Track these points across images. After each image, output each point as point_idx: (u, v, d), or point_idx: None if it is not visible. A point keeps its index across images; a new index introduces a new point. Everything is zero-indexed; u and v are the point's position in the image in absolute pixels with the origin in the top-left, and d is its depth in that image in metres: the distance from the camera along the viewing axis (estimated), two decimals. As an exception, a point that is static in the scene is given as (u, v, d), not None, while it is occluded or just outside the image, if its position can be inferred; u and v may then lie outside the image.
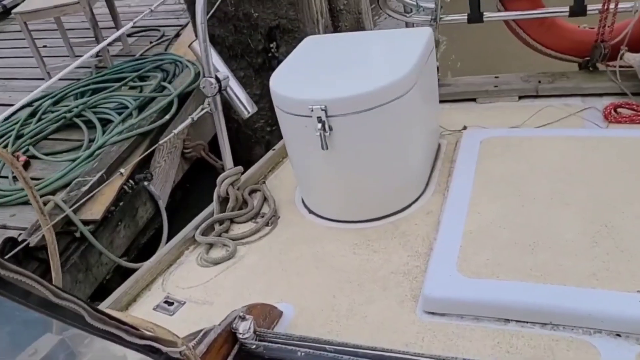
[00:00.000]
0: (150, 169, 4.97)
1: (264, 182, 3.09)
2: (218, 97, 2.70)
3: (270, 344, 1.83)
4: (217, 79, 2.64)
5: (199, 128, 5.44)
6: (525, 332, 1.90)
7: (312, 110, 2.32)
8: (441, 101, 3.14)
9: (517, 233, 2.22)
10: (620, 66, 3.23)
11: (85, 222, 4.26)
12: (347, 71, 2.57)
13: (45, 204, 4.07)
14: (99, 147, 4.94)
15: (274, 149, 3.36)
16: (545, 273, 2.01)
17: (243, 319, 1.90)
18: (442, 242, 2.25)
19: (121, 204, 4.64)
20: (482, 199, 2.46)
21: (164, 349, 1.26)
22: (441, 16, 3.31)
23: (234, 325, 1.86)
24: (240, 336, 1.85)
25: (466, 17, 3.31)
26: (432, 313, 2.05)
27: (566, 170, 2.52)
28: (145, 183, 4.76)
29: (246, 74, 5.58)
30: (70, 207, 3.97)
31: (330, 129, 2.36)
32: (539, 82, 3.41)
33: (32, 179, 4.63)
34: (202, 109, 2.66)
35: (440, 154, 2.99)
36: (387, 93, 2.35)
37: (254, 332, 1.87)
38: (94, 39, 6.57)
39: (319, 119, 2.33)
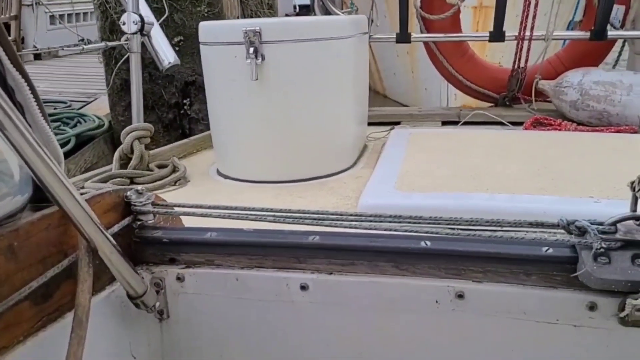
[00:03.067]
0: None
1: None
2: (138, 38, 2.46)
3: (170, 211, 1.43)
4: (141, 17, 2.43)
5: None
6: None
7: (246, 33, 2.14)
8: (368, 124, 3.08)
9: (457, 169, 2.06)
10: (536, 99, 3.41)
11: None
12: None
13: None
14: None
15: (189, 138, 3.07)
16: (492, 188, 1.83)
17: (140, 193, 1.50)
18: (379, 172, 2.03)
19: None
20: (416, 155, 2.30)
21: None
22: (371, 34, 3.39)
23: (127, 194, 1.45)
24: (135, 206, 1.44)
25: (394, 36, 3.41)
26: None
27: (496, 146, 2.46)
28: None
29: (155, 129, 5.36)
30: None
31: (263, 57, 2.18)
32: (460, 110, 3.50)
33: None
34: (119, 42, 2.38)
35: (368, 150, 2.86)
36: (325, 27, 2.25)
37: (153, 204, 1.47)
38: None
39: (251, 43, 2.15)
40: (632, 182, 1.06)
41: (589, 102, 3.04)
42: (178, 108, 5.21)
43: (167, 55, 2.54)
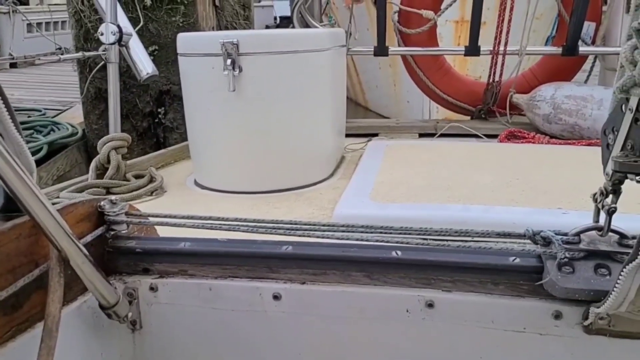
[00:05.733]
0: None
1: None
2: (116, 48, 2.46)
3: (144, 221, 1.43)
4: (119, 28, 2.43)
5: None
6: None
7: (223, 45, 2.16)
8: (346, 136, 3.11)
9: (431, 180, 2.09)
10: (510, 112, 3.48)
11: None
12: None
13: None
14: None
15: (167, 149, 3.07)
16: (465, 199, 1.86)
17: (114, 203, 1.50)
18: (355, 183, 2.05)
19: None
20: (392, 166, 2.34)
21: None
22: (350, 47, 3.43)
23: (100, 204, 1.45)
24: (108, 215, 1.43)
25: (372, 49, 3.46)
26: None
27: (471, 158, 2.51)
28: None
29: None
30: None
31: (240, 69, 2.19)
32: (437, 122, 3.55)
33: None
34: (97, 52, 2.38)
35: (345, 161, 2.89)
36: (302, 40, 2.28)
37: (126, 214, 1.47)
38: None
39: (229, 55, 2.17)
40: (594, 194, 1.10)
41: (561, 116, 3.11)
42: (152, 117, 5.17)
43: (145, 65, 2.55)
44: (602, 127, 1.04)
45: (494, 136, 3.32)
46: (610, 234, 1.12)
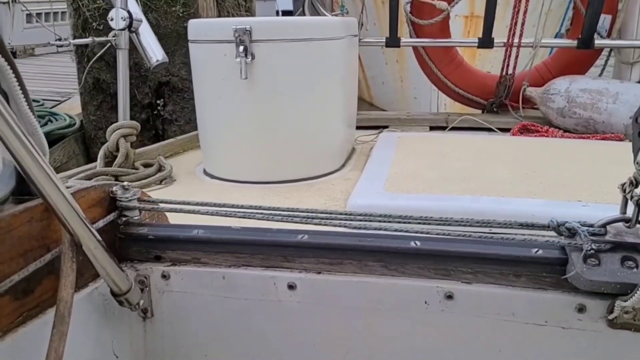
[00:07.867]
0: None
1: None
2: (126, 34, 2.43)
3: (156, 207, 1.41)
4: (129, 13, 2.39)
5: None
6: None
7: (236, 31, 2.13)
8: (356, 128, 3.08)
9: (445, 172, 2.06)
10: (523, 105, 3.43)
11: None
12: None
13: None
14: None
15: (175, 138, 3.04)
16: (480, 191, 1.82)
17: (126, 188, 1.47)
18: (368, 174, 2.02)
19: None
20: (405, 158, 2.30)
21: None
22: (361, 38, 3.39)
23: (112, 189, 1.42)
24: (120, 201, 1.41)
25: (384, 40, 3.41)
26: None
27: (485, 151, 2.47)
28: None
29: (127, 130, 5.23)
30: None
31: (253, 56, 2.16)
32: (448, 115, 3.51)
33: None
34: (107, 38, 2.35)
35: (356, 153, 2.85)
36: (316, 28, 2.25)
37: (139, 200, 1.44)
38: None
39: (241, 42, 2.13)
40: (623, 184, 1.06)
41: (575, 110, 3.06)
42: (151, 108, 5.09)
43: (155, 52, 2.51)
44: (634, 114, 1.01)
45: (506, 130, 3.27)
46: (637, 225, 1.08)
